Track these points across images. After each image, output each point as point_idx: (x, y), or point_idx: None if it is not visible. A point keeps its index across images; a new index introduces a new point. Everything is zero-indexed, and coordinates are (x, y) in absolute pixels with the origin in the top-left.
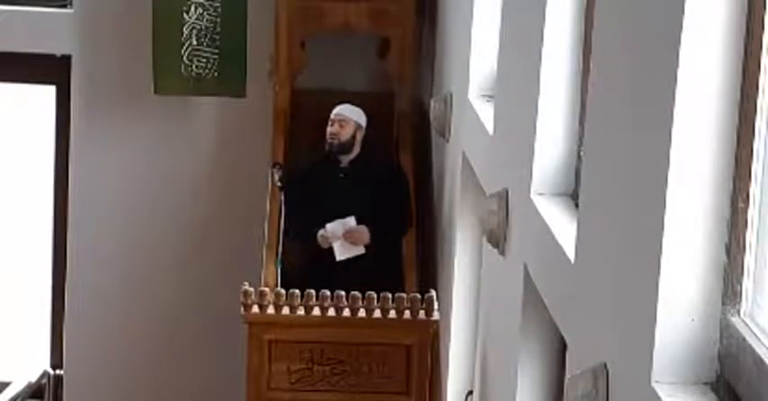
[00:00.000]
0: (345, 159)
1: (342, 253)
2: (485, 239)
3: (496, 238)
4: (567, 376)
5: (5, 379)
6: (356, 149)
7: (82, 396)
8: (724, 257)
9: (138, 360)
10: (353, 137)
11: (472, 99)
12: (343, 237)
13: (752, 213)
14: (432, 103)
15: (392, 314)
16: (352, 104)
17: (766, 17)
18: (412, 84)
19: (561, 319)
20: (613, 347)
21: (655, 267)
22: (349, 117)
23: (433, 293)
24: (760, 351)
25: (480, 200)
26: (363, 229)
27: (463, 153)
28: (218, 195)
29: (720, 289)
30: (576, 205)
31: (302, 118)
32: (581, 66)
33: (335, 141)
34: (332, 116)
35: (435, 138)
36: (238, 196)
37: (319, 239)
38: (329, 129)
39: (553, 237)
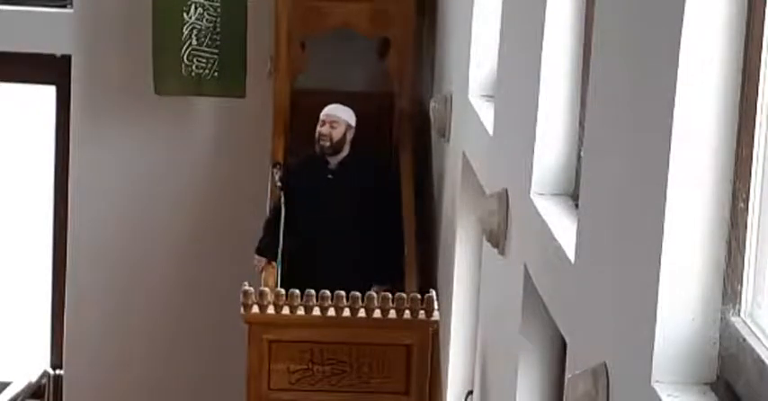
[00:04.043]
0: (335, 160)
1: None
2: (485, 239)
3: (496, 238)
4: (567, 376)
5: (5, 379)
6: (346, 149)
7: (82, 396)
8: (724, 257)
9: (137, 360)
10: (344, 137)
11: (472, 99)
12: None
13: (752, 213)
14: (432, 103)
15: (392, 314)
16: (344, 104)
17: (766, 17)
18: (412, 84)
19: (561, 319)
20: (613, 347)
21: (655, 267)
22: (340, 117)
23: (433, 293)
24: (760, 351)
25: (480, 200)
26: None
27: (463, 153)
28: (218, 195)
29: (720, 289)
30: (576, 205)
31: (302, 118)
32: (581, 66)
33: (327, 142)
34: (322, 116)
35: (435, 138)
36: (238, 196)
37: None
38: (320, 130)
39: (553, 237)
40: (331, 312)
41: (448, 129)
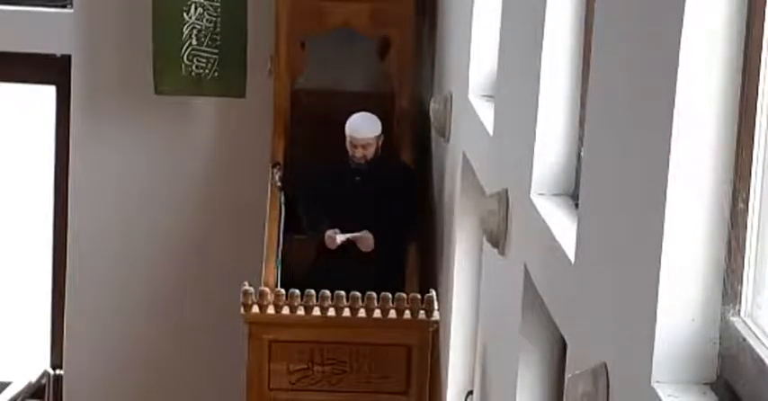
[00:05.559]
0: (364, 166)
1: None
2: (485, 239)
3: (496, 238)
4: (567, 376)
5: (5, 379)
6: (377, 153)
7: (82, 396)
8: (724, 257)
9: (138, 360)
10: (377, 148)
11: (472, 99)
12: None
13: (752, 213)
14: (432, 103)
15: (392, 314)
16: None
17: (766, 17)
18: (412, 84)
19: (561, 319)
20: (613, 347)
21: (655, 267)
22: (371, 137)
23: (433, 293)
24: (760, 351)
25: (480, 200)
26: (369, 236)
27: (463, 153)
28: (218, 195)
29: (720, 289)
30: (576, 205)
31: (302, 118)
32: (581, 66)
33: (362, 160)
34: (350, 139)
35: (435, 138)
36: (238, 196)
37: (326, 239)
38: (355, 153)
39: (553, 237)
40: (331, 312)
41: (448, 129)
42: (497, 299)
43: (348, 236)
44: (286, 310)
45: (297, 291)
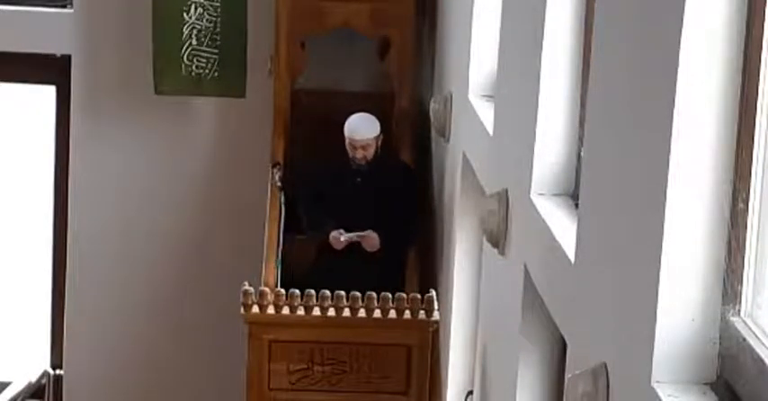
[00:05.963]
0: (365, 167)
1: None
2: (485, 239)
3: (496, 238)
4: (567, 376)
5: (5, 379)
6: (377, 153)
7: (82, 396)
8: (724, 257)
9: (137, 360)
10: (377, 148)
11: (472, 99)
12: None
13: (752, 213)
14: (432, 103)
15: (392, 314)
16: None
17: (766, 17)
18: (412, 84)
19: (561, 319)
20: (613, 347)
21: (655, 267)
22: (370, 138)
23: (433, 293)
24: (760, 351)
25: (480, 200)
26: (375, 236)
27: (463, 153)
28: (218, 195)
29: (720, 289)
30: (576, 205)
31: (302, 118)
32: (581, 66)
33: (363, 161)
34: (350, 141)
35: (435, 138)
36: (238, 196)
37: (331, 240)
38: (355, 154)
39: (553, 237)
40: (331, 312)
41: (448, 129)
42: (497, 299)
43: (353, 235)
44: (286, 310)
45: (297, 291)
